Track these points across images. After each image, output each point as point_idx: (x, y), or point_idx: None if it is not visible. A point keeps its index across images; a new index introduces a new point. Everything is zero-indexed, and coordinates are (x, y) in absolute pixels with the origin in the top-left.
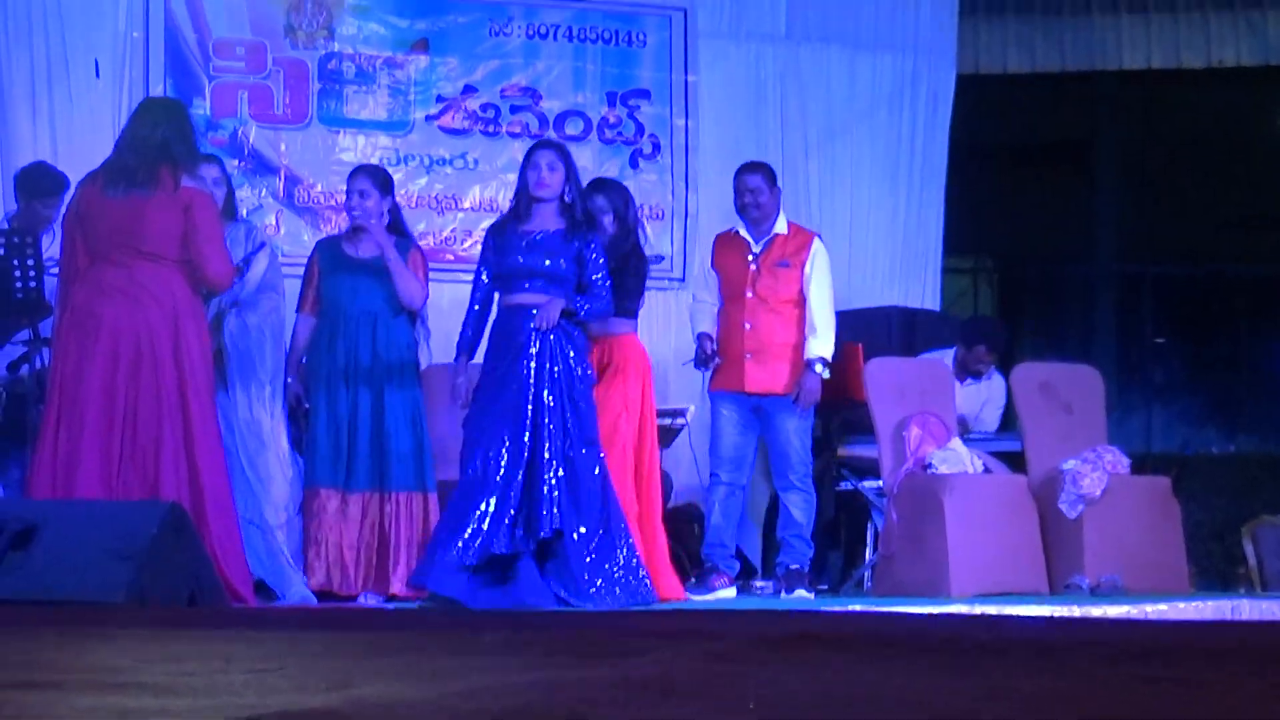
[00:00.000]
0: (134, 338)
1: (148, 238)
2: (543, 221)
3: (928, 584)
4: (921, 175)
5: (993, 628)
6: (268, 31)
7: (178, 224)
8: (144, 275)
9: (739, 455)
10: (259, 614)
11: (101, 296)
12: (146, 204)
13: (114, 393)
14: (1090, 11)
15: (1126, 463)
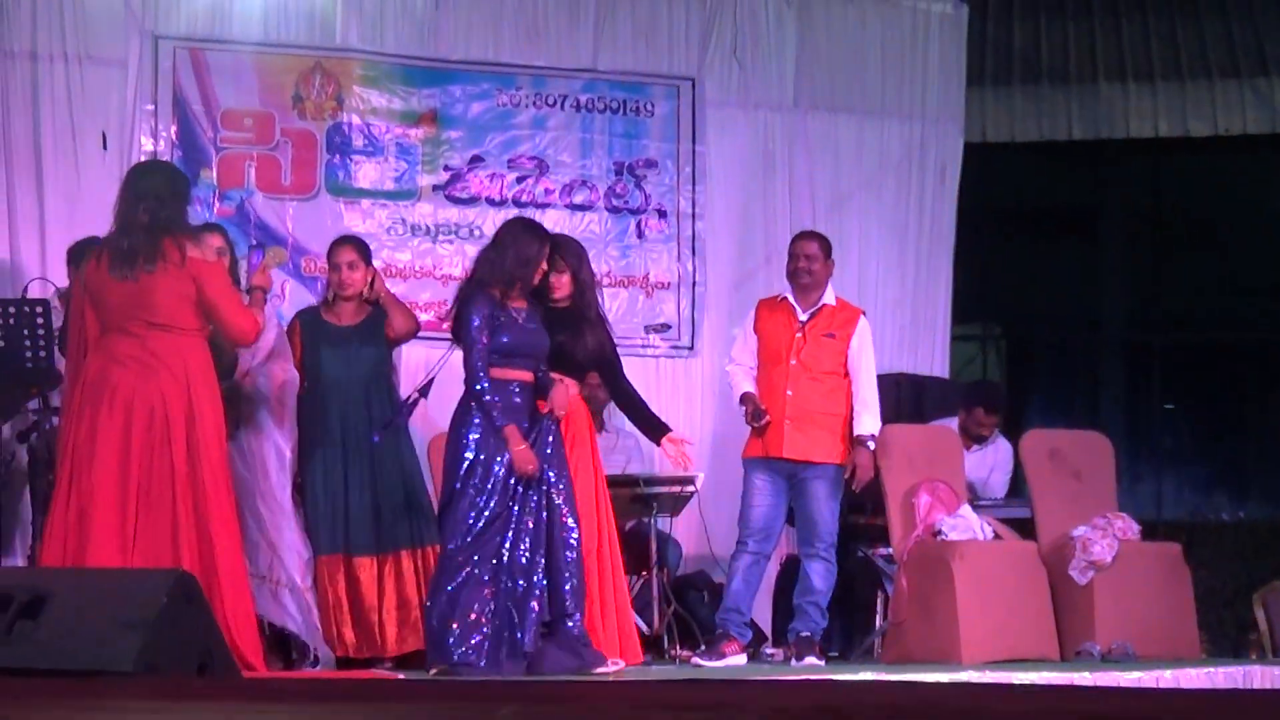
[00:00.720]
0: (147, 406)
1: (159, 310)
2: None
3: (938, 651)
4: (929, 242)
5: (1008, 697)
6: (275, 103)
7: (188, 295)
8: (157, 344)
9: (769, 523)
10: (270, 684)
11: (115, 365)
12: (154, 280)
13: (128, 461)
14: (1097, 80)
15: (1136, 529)
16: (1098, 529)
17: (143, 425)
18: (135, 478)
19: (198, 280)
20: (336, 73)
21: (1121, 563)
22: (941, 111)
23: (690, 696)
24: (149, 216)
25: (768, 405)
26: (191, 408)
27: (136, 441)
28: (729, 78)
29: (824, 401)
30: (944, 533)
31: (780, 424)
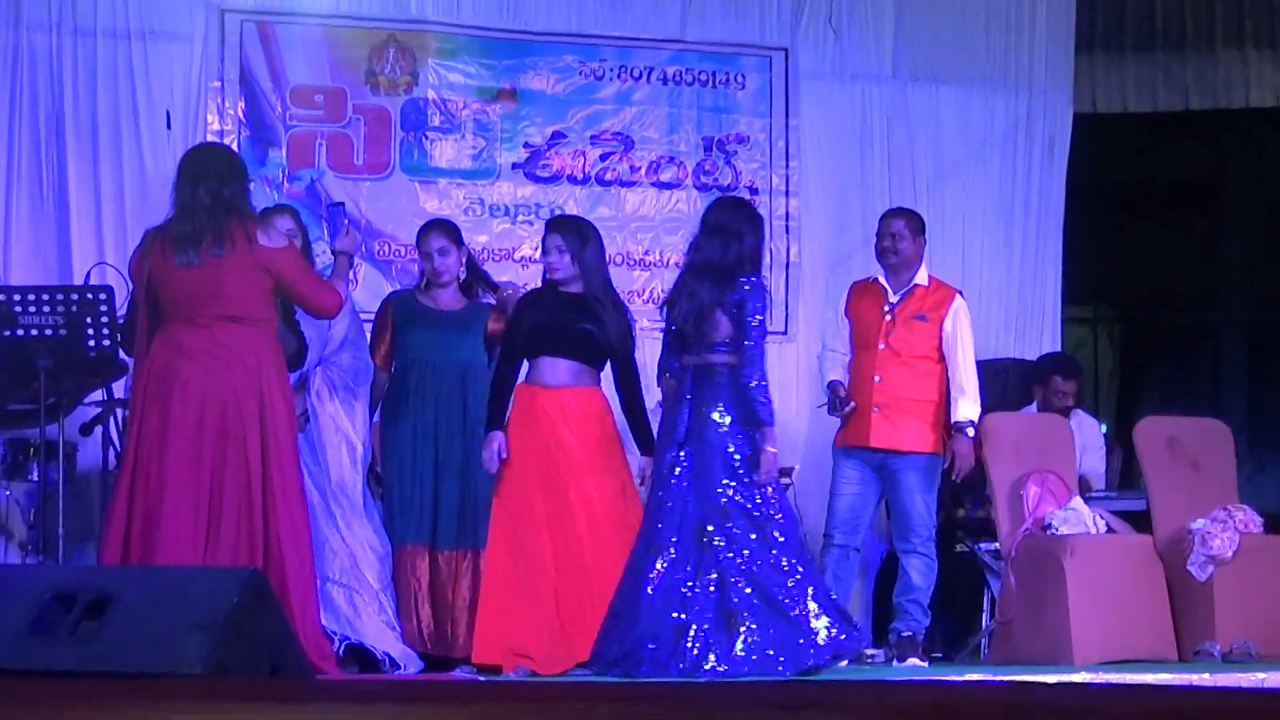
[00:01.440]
0: (219, 402)
1: (229, 300)
2: None
3: (1049, 652)
4: (1038, 220)
5: (1124, 699)
6: (347, 78)
7: (258, 283)
8: (226, 337)
9: (855, 515)
10: (343, 687)
11: (182, 357)
12: (222, 266)
13: (201, 458)
14: (1215, 46)
15: (1259, 521)
16: (1218, 522)
17: (215, 423)
18: (208, 478)
19: (271, 267)
20: (412, 46)
21: (1243, 557)
22: (1049, 81)
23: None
24: (211, 198)
25: (855, 392)
26: (264, 404)
27: (209, 440)
28: (824, 48)
29: (915, 387)
30: (1054, 526)
31: (868, 411)
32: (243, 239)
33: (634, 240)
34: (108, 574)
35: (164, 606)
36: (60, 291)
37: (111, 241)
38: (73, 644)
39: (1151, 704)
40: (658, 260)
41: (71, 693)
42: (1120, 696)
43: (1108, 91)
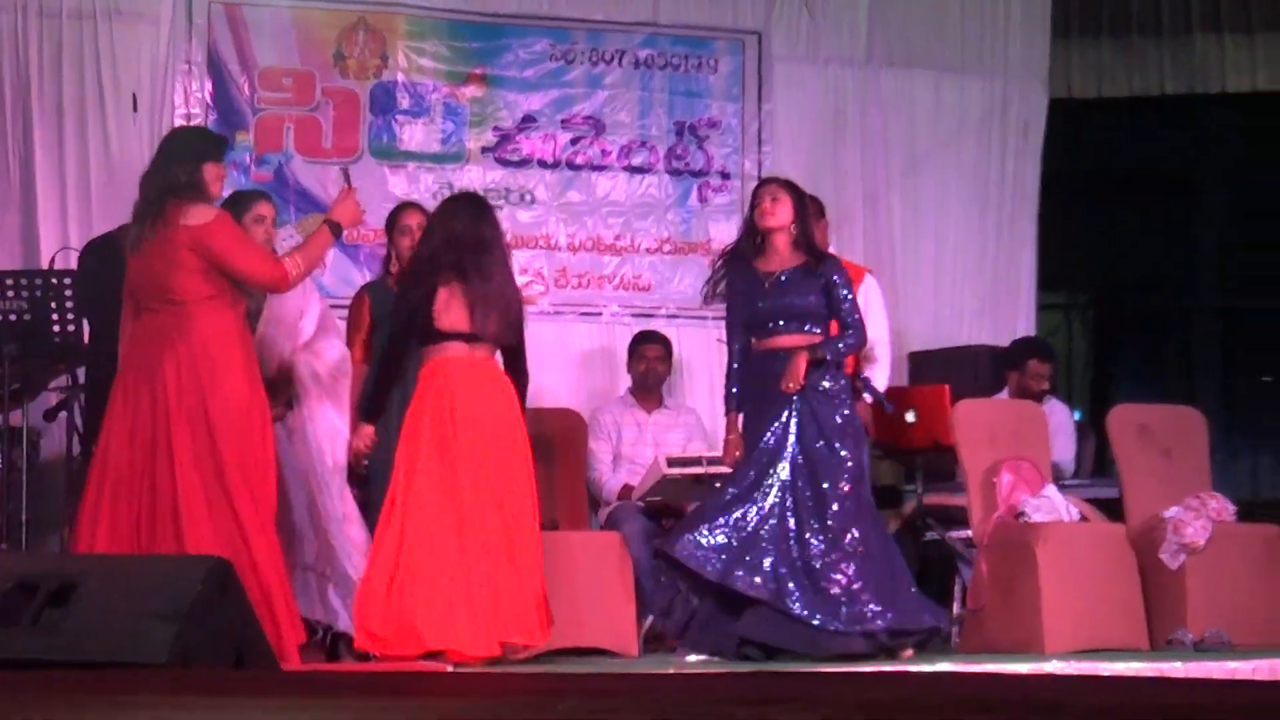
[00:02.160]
0: (151, 390)
1: (164, 285)
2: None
3: (1020, 640)
4: (1012, 206)
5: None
6: (316, 61)
7: (187, 264)
8: (165, 320)
9: None
10: (313, 678)
11: (134, 348)
12: (159, 254)
13: (133, 448)
14: (1191, 31)
15: (1232, 509)
16: (1190, 510)
17: (147, 410)
18: (141, 465)
19: (197, 246)
20: (381, 28)
21: (1216, 546)
22: (1024, 66)
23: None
24: (157, 181)
25: None
26: (202, 383)
27: (142, 428)
28: (798, 31)
29: None
30: (1027, 514)
31: None
32: (174, 220)
33: (604, 225)
34: (71, 562)
35: (128, 595)
36: (24, 276)
37: (76, 226)
38: (35, 633)
39: (1122, 696)
40: (628, 245)
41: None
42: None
43: (1083, 76)
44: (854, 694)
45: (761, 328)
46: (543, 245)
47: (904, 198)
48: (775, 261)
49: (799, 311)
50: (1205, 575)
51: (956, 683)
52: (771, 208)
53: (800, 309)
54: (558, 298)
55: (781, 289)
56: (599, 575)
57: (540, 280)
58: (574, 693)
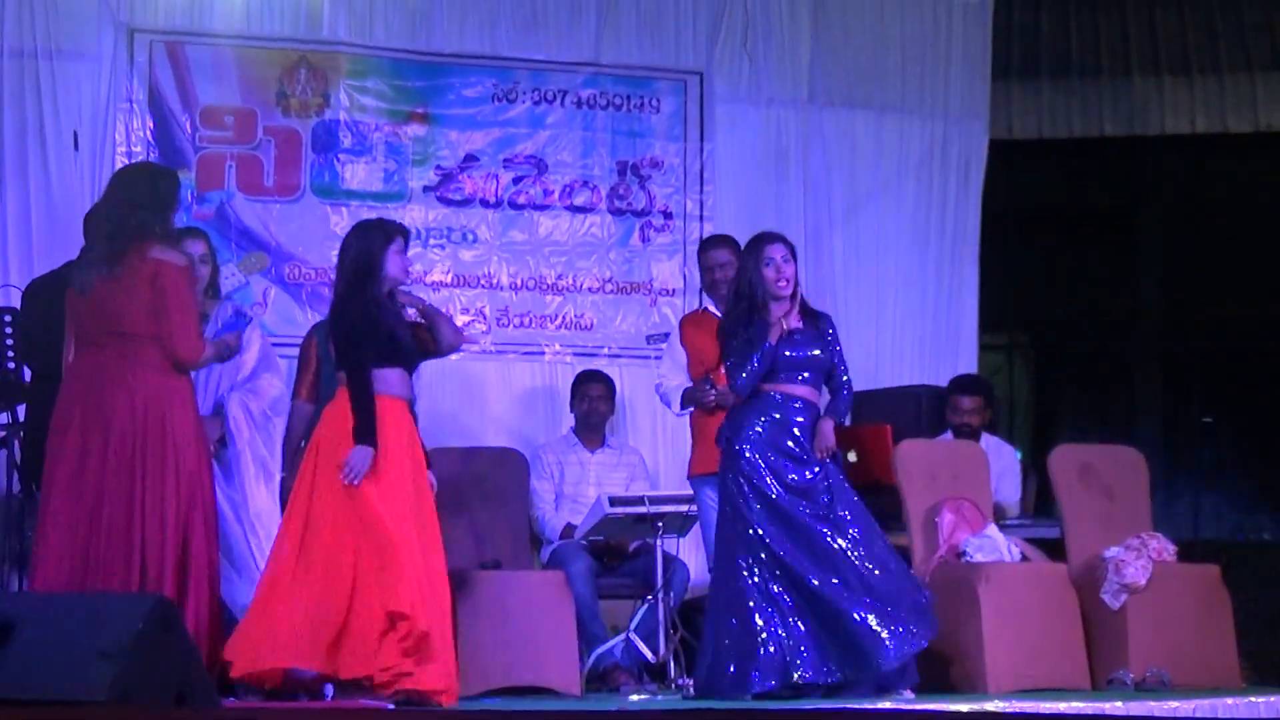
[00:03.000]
0: (103, 426)
1: (123, 318)
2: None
3: (963, 679)
4: (953, 246)
5: None
6: (258, 99)
7: (145, 297)
8: (119, 356)
9: None
10: (251, 714)
11: (79, 383)
12: (116, 286)
13: (82, 487)
14: (1130, 73)
15: (1173, 549)
16: (1131, 550)
17: (98, 445)
18: (89, 504)
19: (155, 278)
20: (323, 67)
21: (1157, 585)
22: (965, 107)
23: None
24: (113, 225)
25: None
26: (163, 423)
27: (92, 463)
28: (739, 72)
29: None
30: (969, 554)
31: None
32: (136, 256)
33: (547, 264)
34: (10, 600)
35: (68, 633)
36: None
37: (16, 263)
38: None
39: None
40: (570, 285)
41: None
42: None
43: (1023, 118)
44: None
45: (780, 373)
46: (485, 284)
47: (846, 238)
48: (779, 312)
49: (812, 364)
50: (1146, 615)
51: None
52: (788, 272)
53: (812, 362)
54: (500, 337)
55: (796, 341)
56: (542, 614)
57: (482, 319)
58: None
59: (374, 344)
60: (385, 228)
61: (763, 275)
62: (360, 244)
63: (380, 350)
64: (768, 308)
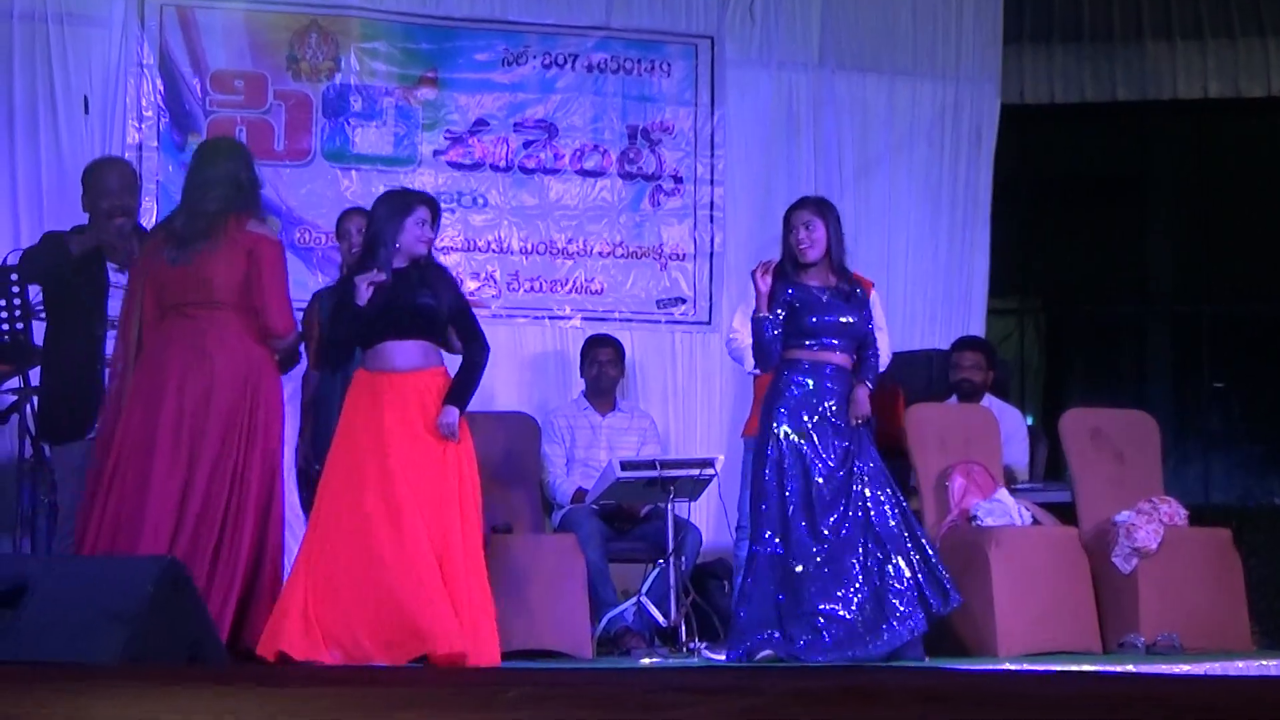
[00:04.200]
0: (199, 392)
1: (218, 288)
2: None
3: (973, 643)
4: (964, 211)
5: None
6: (268, 64)
7: (242, 268)
8: (211, 325)
9: None
10: (267, 672)
11: (170, 348)
12: (211, 259)
13: (178, 450)
14: (1142, 38)
15: (1184, 514)
16: (1142, 514)
17: (194, 412)
18: (184, 467)
19: (252, 254)
20: (334, 31)
21: (1167, 550)
22: (977, 71)
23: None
24: (218, 205)
25: None
26: (253, 394)
27: (188, 431)
28: (750, 36)
29: None
30: (979, 518)
31: None
32: (235, 229)
33: (557, 229)
34: (23, 564)
35: (81, 596)
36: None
37: (27, 227)
38: None
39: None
40: (581, 249)
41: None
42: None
43: (1035, 82)
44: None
45: (811, 338)
46: (495, 249)
47: (856, 202)
48: (818, 278)
49: (846, 330)
50: (1157, 579)
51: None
52: (807, 239)
53: (846, 328)
54: (510, 301)
55: (831, 306)
56: (553, 578)
57: (493, 284)
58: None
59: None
60: (407, 198)
61: (787, 241)
62: (375, 216)
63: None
64: (805, 271)
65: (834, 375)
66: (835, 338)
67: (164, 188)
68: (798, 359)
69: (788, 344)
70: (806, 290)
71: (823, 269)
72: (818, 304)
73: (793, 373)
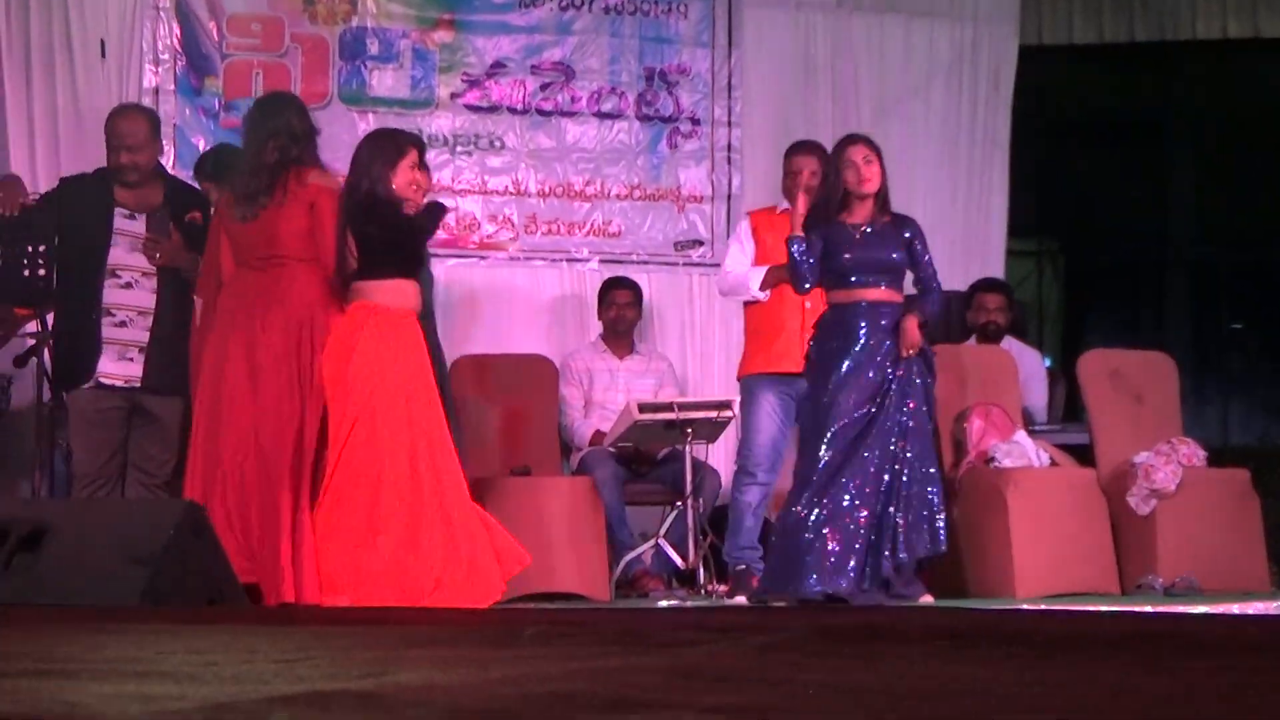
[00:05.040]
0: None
1: (282, 242)
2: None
3: (991, 584)
4: (983, 153)
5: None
6: (285, 7)
7: (303, 223)
8: (279, 280)
9: (779, 449)
10: (284, 612)
11: (243, 301)
12: (277, 215)
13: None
14: None
15: (1202, 455)
16: (1161, 455)
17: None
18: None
19: (314, 205)
20: None
21: (1186, 491)
22: (995, 12)
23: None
24: (278, 155)
25: (775, 318)
26: (313, 340)
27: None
28: None
29: None
30: (997, 459)
31: (792, 336)
32: (295, 183)
33: (575, 171)
34: (42, 507)
35: (100, 540)
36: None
37: (44, 170)
38: (7, 577)
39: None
40: (598, 191)
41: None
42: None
43: (1053, 23)
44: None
45: (843, 278)
46: (512, 192)
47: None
48: (860, 216)
49: (884, 266)
50: (1175, 520)
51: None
52: (869, 172)
53: (885, 263)
54: (527, 244)
55: (868, 242)
56: (571, 520)
57: (510, 227)
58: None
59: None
60: (397, 141)
61: (845, 179)
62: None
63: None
64: (849, 208)
65: (868, 311)
66: (874, 274)
67: (181, 131)
68: (835, 301)
69: (826, 285)
70: (844, 229)
71: (868, 206)
72: (852, 241)
73: (829, 313)
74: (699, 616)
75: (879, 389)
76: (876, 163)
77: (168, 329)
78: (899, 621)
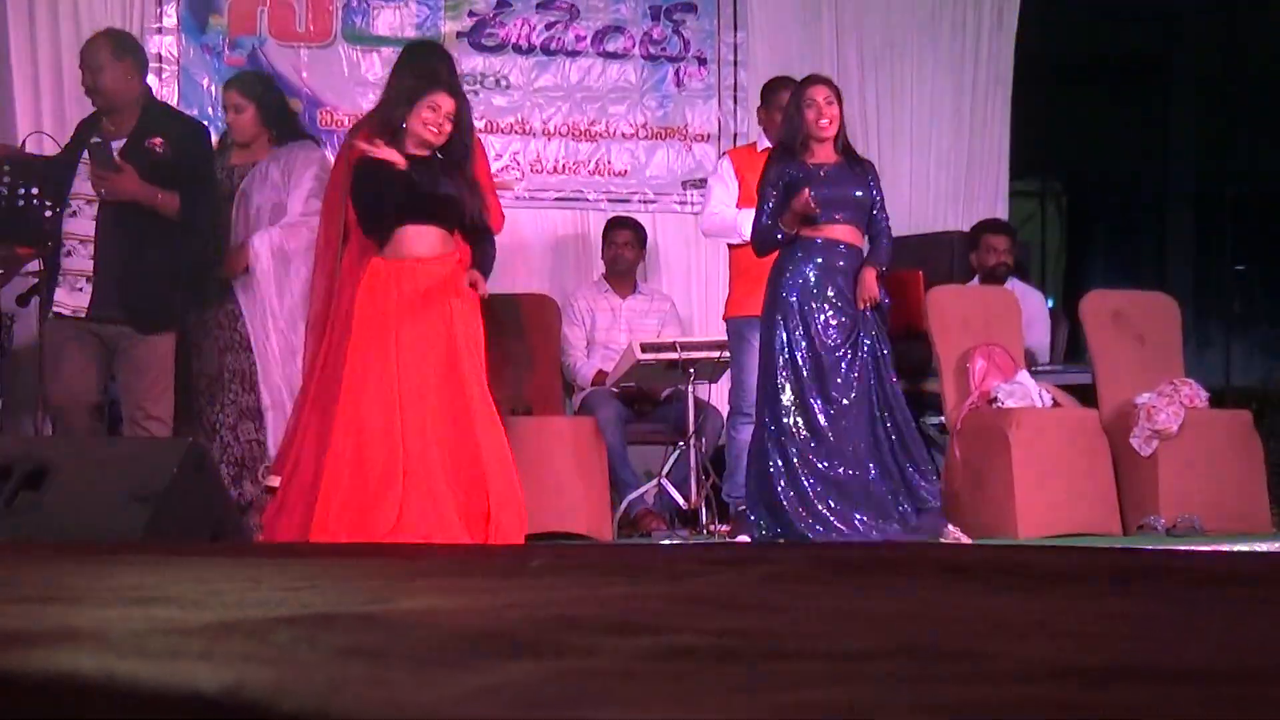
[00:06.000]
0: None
1: None
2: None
3: (993, 524)
4: (986, 92)
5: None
6: None
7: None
8: None
9: None
10: (287, 545)
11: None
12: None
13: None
14: None
15: (1204, 396)
16: (1163, 396)
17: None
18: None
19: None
20: None
21: (1188, 432)
22: None
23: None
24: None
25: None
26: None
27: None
28: None
29: None
30: (1000, 400)
31: None
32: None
33: (580, 111)
34: (45, 446)
35: (102, 478)
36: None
37: (49, 110)
38: (9, 515)
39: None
40: (604, 131)
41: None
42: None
43: None
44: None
45: (821, 214)
46: (518, 131)
47: (879, 83)
48: (821, 156)
49: (850, 203)
50: (1178, 461)
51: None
52: (829, 113)
53: (851, 200)
54: (533, 183)
55: (832, 180)
56: (574, 460)
57: (516, 166)
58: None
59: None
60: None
61: (805, 117)
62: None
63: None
64: (809, 149)
65: (846, 253)
66: (841, 211)
67: (185, 70)
68: (807, 236)
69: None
70: (806, 168)
71: (827, 147)
72: (819, 179)
73: (801, 250)
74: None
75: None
76: (837, 104)
77: (110, 258)
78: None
